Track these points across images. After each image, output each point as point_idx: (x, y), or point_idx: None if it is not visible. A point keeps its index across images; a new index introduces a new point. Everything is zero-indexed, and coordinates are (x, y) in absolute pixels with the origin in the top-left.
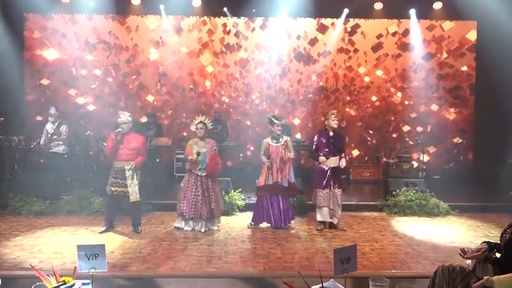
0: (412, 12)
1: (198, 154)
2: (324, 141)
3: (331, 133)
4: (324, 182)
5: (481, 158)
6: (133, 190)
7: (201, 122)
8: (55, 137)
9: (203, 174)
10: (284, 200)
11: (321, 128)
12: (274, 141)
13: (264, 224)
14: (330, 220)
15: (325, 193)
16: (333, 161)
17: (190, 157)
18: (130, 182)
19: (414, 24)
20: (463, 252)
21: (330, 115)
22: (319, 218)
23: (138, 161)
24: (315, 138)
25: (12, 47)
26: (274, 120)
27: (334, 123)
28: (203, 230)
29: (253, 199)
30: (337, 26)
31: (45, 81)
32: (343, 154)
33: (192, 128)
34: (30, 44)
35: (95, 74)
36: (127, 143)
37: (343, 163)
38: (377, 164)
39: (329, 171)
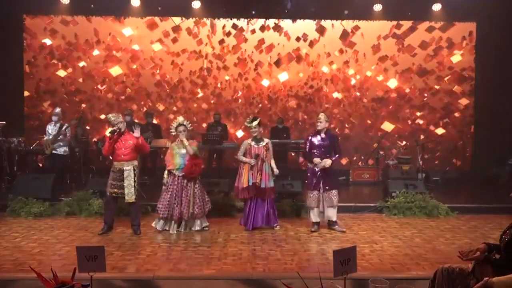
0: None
1: (166, 184)
2: (315, 142)
3: (322, 135)
4: (314, 183)
5: (481, 159)
6: (129, 191)
7: (180, 124)
8: (60, 137)
9: (180, 174)
10: (268, 202)
11: (315, 130)
12: (256, 142)
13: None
14: (318, 220)
15: (314, 194)
16: (321, 163)
17: (165, 178)
18: (127, 183)
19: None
20: (462, 254)
21: (319, 117)
22: (311, 219)
23: (146, 147)
24: (308, 139)
25: (12, 49)
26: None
27: (318, 124)
28: (172, 231)
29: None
30: (337, 28)
31: (44, 83)
32: (336, 155)
33: (172, 131)
34: (30, 46)
35: (94, 75)
36: (124, 143)
37: (328, 163)
38: (376, 166)
39: (319, 172)
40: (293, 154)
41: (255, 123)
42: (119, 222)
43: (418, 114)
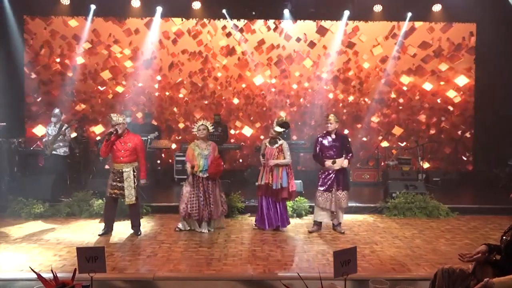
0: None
1: (193, 167)
2: (326, 144)
3: (333, 136)
4: (328, 184)
5: (481, 160)
6: (129, 193)
7: (203, 124)
8: (60, 137)
9: (205, 175)
10: (279, 203)
11: (324, 132)
12: (270, 143)
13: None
14: (331, 222)
15: (326, 195)
16: (338, 164)
17: (188, 169)
18: (127, 184)
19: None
20: (462, 257)
21: (329, 118)
22: (316, 218)
23: (141, 161)
24: (318, 141)
25: (12, 49)
26: (274, 124)
27: (329, 126)
28: (204, 231)
29: (253, 201)
30: (337, 28)
31: (45, 84)
32: (350, 155)
33: (194, 130)
34: (30, 47)
35: (95, 76)
36: (124, 145)
37: (345, 163)
38: (377, 166)
39: (333, 173)
40: None
41: (278, 128)
42: (119, 223)
43: (418, 114)
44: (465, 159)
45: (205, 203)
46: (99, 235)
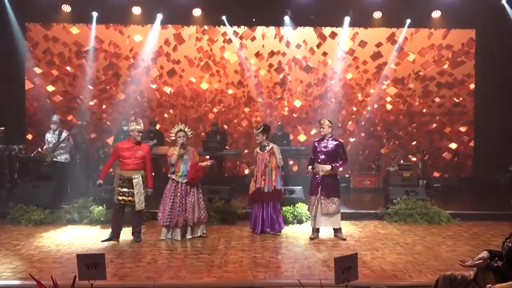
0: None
1: (181, 156)
2: (319, 148)
3: (326, 141)
4: (313, 188)
5: (482, 166)
6: (140, 199)
7: (180, 130)
8: (62, 144)
9: (184, 181)
10: (271, 206)
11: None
12: (261, 149)
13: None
14: (316, 227)
15: (312, 199)
16: (320, 170)
17: (173, 156)
18: (137, 191)
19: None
20: (463, 262)
21: (321, 123)
22: (311, 224)
23: (148, 169)
24: (313, 145)
25: (13, 56)
26: (256, 131)
27: (322, 130)
28: (178, 238)
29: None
30: (337, 35)
31: (46, 90)
32: (340, 162)
33: (172, 136)
34: (32, 53)
35: (95, 83)
36: (134, 153)
37: (327, 168)
38: (377, 172)
39: (319, 178)
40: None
41: (257, 130)
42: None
43: (418, 120)
44: (465, 165)
45: (181, 210)
46: (104, 240)
